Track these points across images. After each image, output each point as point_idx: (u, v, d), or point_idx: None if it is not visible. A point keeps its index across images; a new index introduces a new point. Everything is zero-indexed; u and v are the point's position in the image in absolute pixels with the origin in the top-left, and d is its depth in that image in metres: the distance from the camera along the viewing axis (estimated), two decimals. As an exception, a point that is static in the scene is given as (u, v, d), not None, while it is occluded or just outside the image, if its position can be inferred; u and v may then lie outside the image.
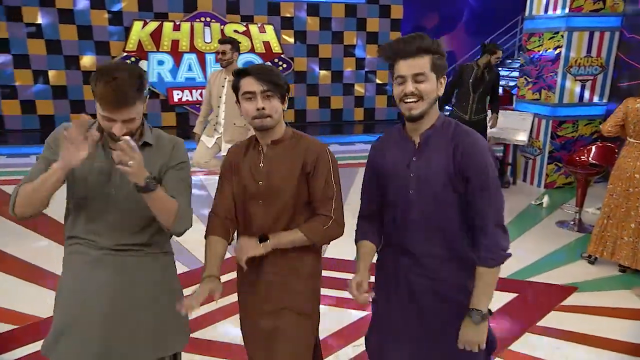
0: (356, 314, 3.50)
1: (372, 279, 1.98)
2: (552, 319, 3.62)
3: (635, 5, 5.84)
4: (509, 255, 1.70)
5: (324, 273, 2.27)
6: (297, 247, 1.84)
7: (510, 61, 11.26)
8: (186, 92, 10.29)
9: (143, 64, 9.88)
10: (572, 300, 3.92)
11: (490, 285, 1.70)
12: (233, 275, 2.12)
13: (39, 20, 9.22)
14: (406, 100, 1.62)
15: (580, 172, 4.86)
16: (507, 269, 4.06)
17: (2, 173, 6.87)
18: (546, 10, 6.17)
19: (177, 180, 1.85)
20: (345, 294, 3.77)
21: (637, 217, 3.99)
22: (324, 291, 2.27)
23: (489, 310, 1.72)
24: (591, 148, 4.99)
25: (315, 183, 1.81)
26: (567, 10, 5.85)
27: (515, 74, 10.03)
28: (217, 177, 2.09)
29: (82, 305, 1.84)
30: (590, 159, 4.92)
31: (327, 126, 11.05)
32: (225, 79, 4.64)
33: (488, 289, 1.71)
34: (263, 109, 1.72)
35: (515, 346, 3.26)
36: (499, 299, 3.75)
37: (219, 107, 4.78)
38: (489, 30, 11.28)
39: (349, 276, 3.81)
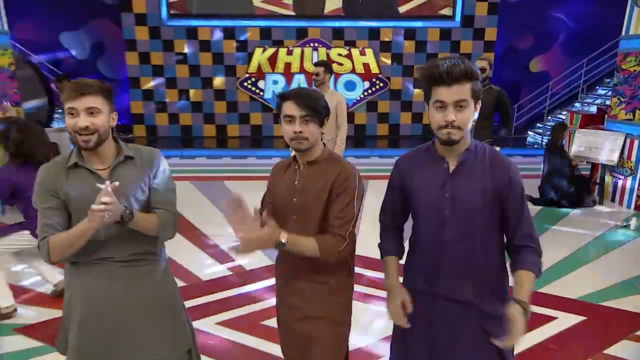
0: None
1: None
2: (622, 349, 3.11)
3: None
4: None
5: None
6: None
7: (609, 80, 10.22)
8: (296, 107, 10.72)
9: (261, 84, 10.46)
10: (647, 331, 3.33)
11: (531, 290, 1.55)
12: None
13: (185, 50, 10.16)
14: (444, 127, 1.48)
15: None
16: (578, 290, 3.74)
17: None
18: None
19: (165, 190, 1.81)
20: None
21: None
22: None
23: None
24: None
25: (337, 202, 1.68)
26: None
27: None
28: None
29: (101, 322, 1.78)
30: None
31: (418, 139, 10.68)
32: None
33: (530, 291, 1.54)
34: (300, 132, 1.65)
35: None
36: (565, 321, 3.38)
37: None
38: (587, 50, 10.18)
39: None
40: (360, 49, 10.46)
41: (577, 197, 5.60)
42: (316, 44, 10.39)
